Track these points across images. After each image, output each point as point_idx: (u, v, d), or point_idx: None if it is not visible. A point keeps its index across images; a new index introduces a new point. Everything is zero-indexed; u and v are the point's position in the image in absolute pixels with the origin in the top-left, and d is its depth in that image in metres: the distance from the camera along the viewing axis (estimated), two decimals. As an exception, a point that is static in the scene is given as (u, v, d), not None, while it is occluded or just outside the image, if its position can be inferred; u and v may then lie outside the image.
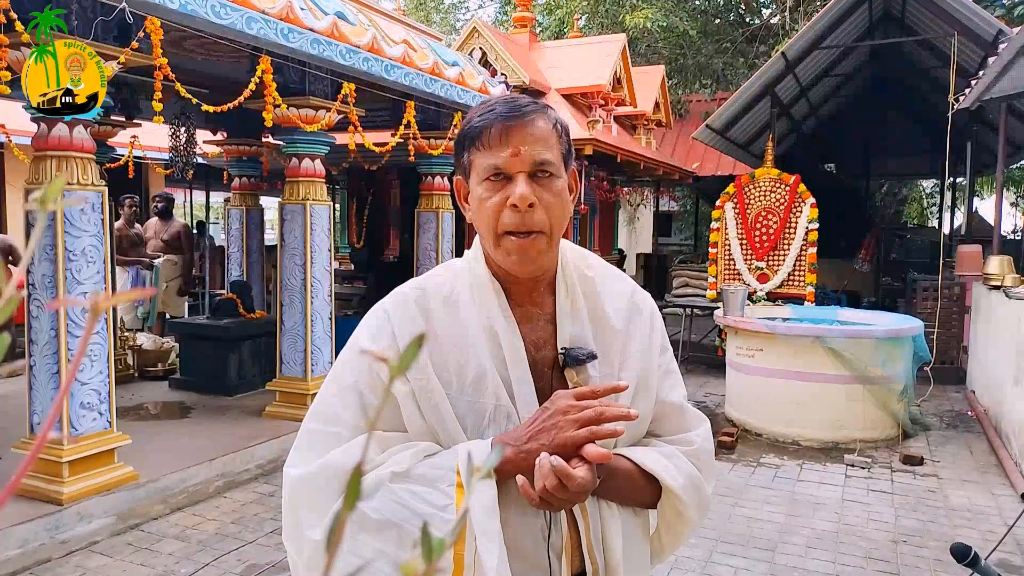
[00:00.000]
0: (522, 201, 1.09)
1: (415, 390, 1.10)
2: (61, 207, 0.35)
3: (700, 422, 1.28)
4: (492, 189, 1.12)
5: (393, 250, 9.73)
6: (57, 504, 3.70)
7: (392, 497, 1.04)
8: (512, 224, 1.11)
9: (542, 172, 1.12)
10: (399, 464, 1.06)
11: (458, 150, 1.20)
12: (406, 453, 1.08)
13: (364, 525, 1.03)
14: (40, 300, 3.77)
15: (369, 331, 1.19)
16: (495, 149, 1.11)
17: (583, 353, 1.14)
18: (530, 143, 1.11)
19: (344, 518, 0.32)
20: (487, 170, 1.12)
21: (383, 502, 1.03)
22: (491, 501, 1.03)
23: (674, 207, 17.30)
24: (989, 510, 4.42)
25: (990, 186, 17.30)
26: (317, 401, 1.18)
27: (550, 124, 1.15)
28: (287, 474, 1.13)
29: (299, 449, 1.14)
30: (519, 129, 1.11)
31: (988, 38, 7.21)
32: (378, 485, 1.03)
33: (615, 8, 13.92)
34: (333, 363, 4.85)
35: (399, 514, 1.03)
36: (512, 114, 1.12)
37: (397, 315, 1.17)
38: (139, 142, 6.42)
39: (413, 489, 1.04)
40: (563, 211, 1.15)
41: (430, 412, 1.11)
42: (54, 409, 0.47)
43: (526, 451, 1.04)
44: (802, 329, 6.02)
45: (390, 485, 1.04)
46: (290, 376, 5.49)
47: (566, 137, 1.18)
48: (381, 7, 6.58)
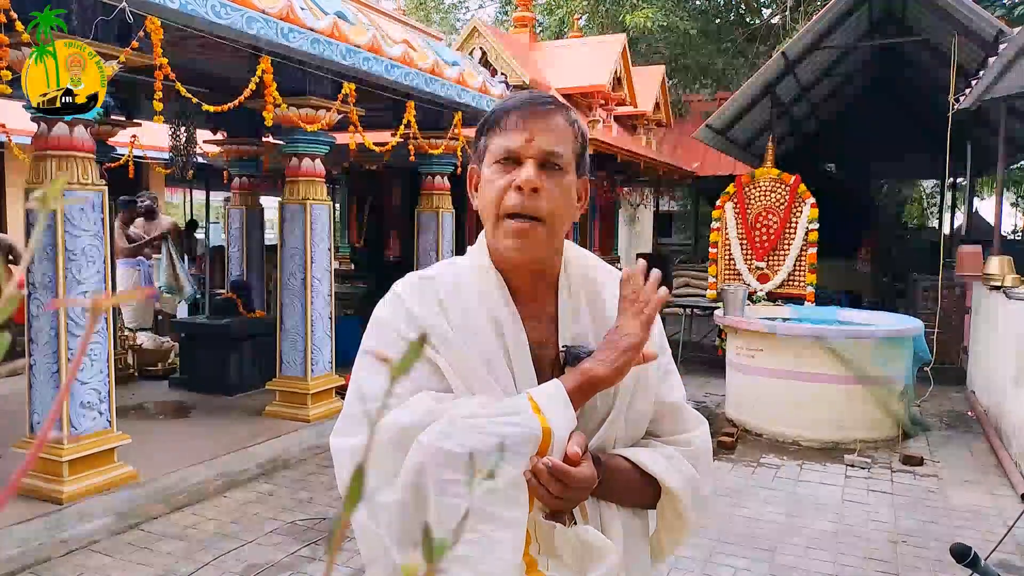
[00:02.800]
0: (527, 183, 1.11)
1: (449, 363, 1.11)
2: (61, 206, 0.35)
3: (699, 423, 1.28)
4: (501, 171, 1.15)
5: (393, 250, 9.73)
6: (57, 503, 3.70)
7: (474, 428, 1.02)
8: (514, 206, 1.12)
9: (552, 163, 1.15)
10: (465, 408, 1.05)
11: (477, 136, 1.22)
12: (471, 400, 1.07)
13: (451, 462, 1.00)
14: (40, 300, 3.77)
15: (385, 314, 1.19)
16: (511, 132, 1.14)
17: (584, 351, 1.15)
18: (545, 132, 1.14)
19: (345, 519, 0.32)
20: (499, 152, 1.15)
21: (465, 435, 1.01)
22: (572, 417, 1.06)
23: (674, 207, 17.29)
24: (989, 510, 4.42)
25: (990, 186, 17.28)
26: (354, 384, 1.17)
27: (568, 122, 1.18)
28: (337, 446, 1.12)
29: (346, 422, 1.14)
30: (537, 118, 1.15)
31: (988, 38, 7.20)
32: (453, 423, 1.02)
33: (615, 8, 13.92)
34: (333, 362, 4.81)
35: (486, 442, 1.00)
36: (534, 103, 1.17)
37: (410, 295, 1.18)
38: (139, 142, 6.42)
39: (493, 419, 1.03)
40: (566, 205, 1.17)
41: (464, 379, 1.12)
42: (54, 408, 0.47)
43: (599, 359, 1.10)
44: (802, 329, 6.02)
45: (466, 420, 1.03)
46: (290, 376, 5.49)
47: (582, 140, 1.21)
48: (381, 7, 6.58)
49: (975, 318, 7.45)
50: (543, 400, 1.04)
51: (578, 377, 1.08)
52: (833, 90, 11.88)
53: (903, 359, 5.83)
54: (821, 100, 11.76)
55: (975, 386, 7.13)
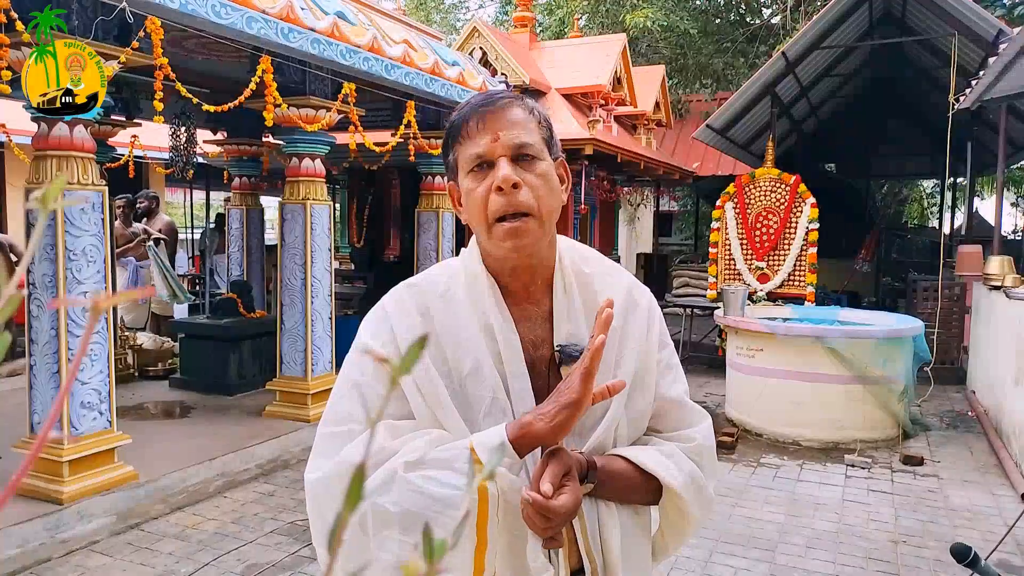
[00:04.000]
0: (505, 182, 1.10)
1: (416, 381, 1.11)
2: (62, 206, 0.35)
3: (701, 418, 1.27)
4: (477, 179, 1.14)
5: (393, 250, 9.72)
6: (57, 503, 3.70)
7: (408, 487, 1.03)
8: (500, 208, 1.11)
9: (523, 155, 1.14)
10: (412, 453, 1.06)
11: (444, 154, 1.22)
12: (419, 441, 1.08)
13: (387, 521, 1.03)
14: (41, 299, 3.77)
15: (370, 330, 1.20)
16: (475, 138, 1.14)
17: (578, 350, 1.13)
18: (508, 127, 1.13)
19: (345, 520, 0.32)
20: (470, 160, 1.14)
21: (400, 493, 1.03)
22: (513, 467, 1.05)
23: (674, 207, 17.29)
24: (989, 510, 4.42)
25: (990, 186, 17.29)
26: (328, 405, 1.19)
27: (526, 111, 1.17)
28: (307, 479, 1.14)
29: (316, 455, 1.15)
30: (495, 116, 1.14)
31: (988, 38, 7.20)
32: (392, 477, 1.03)
33: (615, 8, 13.92)
34: (333, 362, 4.83)
35: (418, 502, 1.02)
36: (486, 103, 1.15)
37: (395, 313, 1.18)
38: (139, 142, 6.42)
39: (428, 474, 1.03)
40: (550, 193, 1.16)
41: (432, 402, 1.11)
42: (54, 408, 0.47)
43: (540, 413, 1.06)
44: (802, 329, 6.02)
45: (404, 475, 1.04)
46: (290, 376, 5.49)
47: (546, 123, 1.20)
48: (381, 7, 6.58)
49: (975, 318, 7.45)
50: (484, 453, 1.02)
51: (517, 430, 1.05)
52: (833, 90, 11.88)
53: (903, 359, 5.82)
54: (821, 100, 11.77)
55: (975, 386, 7.13)
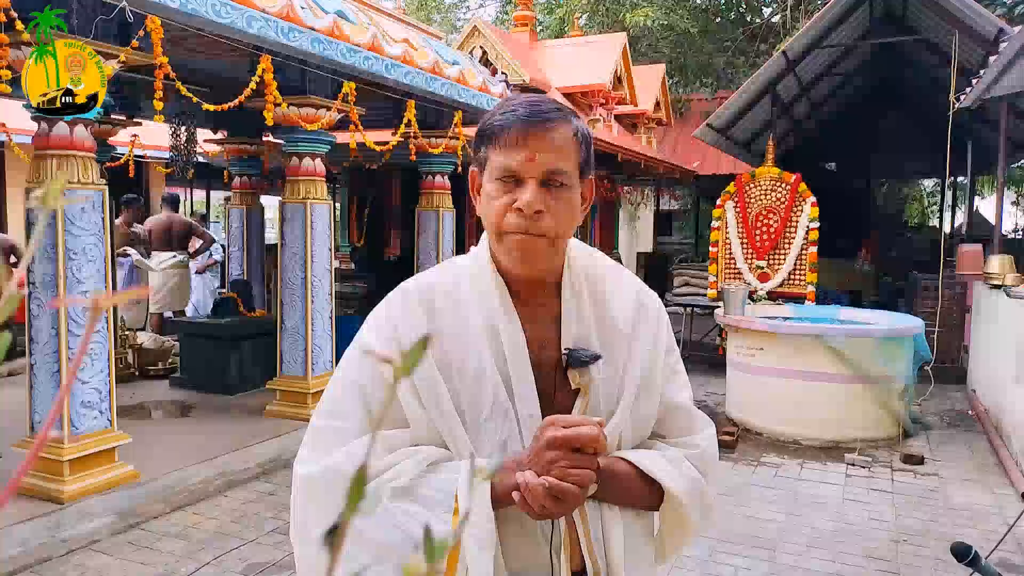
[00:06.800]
0: (528, 208, 1.08)
1: (415, 382, 1.10)
2: (62, 206, 0.35)
3: (705, 425, 1.27)
4: (502, 190, 1.11)
5: (394, 249, 9.73)
6: (58, 503, 3.69)
7: (390, 519, 1.04)
8: (516, 227, 1.10)
9: (554, 181, 1.11)
10: (401, 477, 1.06)
11: (477, 142, 1.18)
12: (409, 463, 1.08)
13: (361, 541, 1.04)
14: (41, 299, 3.77)
15: (372, 328, 1.19)
16: (511, 151, 1.10)
17: (587, 355, 1.13)
18: (546, 150, 1.09)
19: (347, 522, 0.31)
20: (500, 170, 1.11)
21: (381, 522, 1.04)
22: (487, 533, 1.04)
23: (675, 206, 17.29)
24: (990, 509, 4.42)
25: (991, 185, 17.28)
26: (324, 398, 1.18)
27: (571, 132, 1.13)
28: (295, 471, 1.14)
29: (307, 446, 1.15)
30: (538, 135, 1.10)
31: (989, 37, 7.20)
32: (378, 501, 1.03)
33: (616, 7, 13.93)
34: (333, 362, 4.84)
35: (394, 536, 1.03)
36: (533, 118, 1.10)
37: (399, 312, 1.17)
38: (140, 141, 6.42)
39: (411, 510, 1.04)
40: (571, 219, 1.14)
41: (431, 404, 1.10)
42: (55, 408, 0.47)
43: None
44: (803, 328, 6.02)
45: (389, 505, 1.05)
46: (291, 375, 5.49)
47: (586, 146, 1.16)
48: (382, 6, 6.57)
49: (975, 317, 7.45)
50: (463, 503, 1.03)
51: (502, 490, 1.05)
52: (833, 89, 11.88)
53: (903, 358, 5.82)
54: (821, 99, 11.76)
55: (975, 385, 7.13)
